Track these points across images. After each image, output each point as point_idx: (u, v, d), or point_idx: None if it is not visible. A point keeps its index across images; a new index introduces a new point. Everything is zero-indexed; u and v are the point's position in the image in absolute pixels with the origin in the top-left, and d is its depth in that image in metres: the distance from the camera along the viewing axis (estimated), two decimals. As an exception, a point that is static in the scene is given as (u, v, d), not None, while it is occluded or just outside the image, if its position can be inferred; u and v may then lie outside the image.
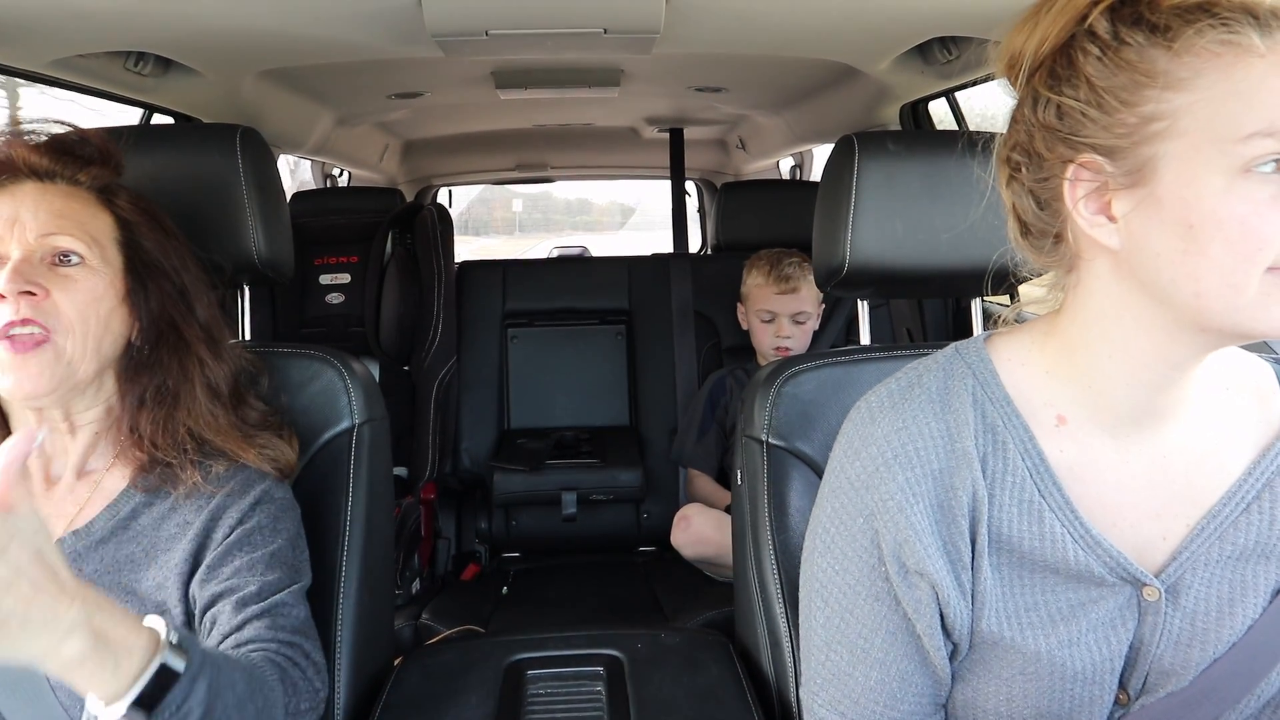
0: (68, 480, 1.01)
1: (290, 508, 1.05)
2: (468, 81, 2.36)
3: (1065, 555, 0.78)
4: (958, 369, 0.84)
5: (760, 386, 1.17)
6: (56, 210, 0.98)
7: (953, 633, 0.81)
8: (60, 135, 1.03)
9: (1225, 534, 0.78)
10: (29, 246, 0.95)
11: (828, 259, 1.22)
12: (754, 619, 1.16)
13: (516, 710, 1.08)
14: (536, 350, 2.60)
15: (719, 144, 3.92)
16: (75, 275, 0.97)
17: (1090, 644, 0.78)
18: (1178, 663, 0.78)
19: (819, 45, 1.85)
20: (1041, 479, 0.79)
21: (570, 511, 2.35)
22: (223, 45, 1.64)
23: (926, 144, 1.22)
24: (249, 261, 1.23)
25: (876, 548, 0.81)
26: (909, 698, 0.82)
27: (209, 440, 1.03)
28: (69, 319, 0.96)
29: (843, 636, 0.84)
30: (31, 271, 0.94)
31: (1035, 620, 0.79)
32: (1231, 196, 0.66)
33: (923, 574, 0.79)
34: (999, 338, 0.86)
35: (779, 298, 2.12)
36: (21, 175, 1.00)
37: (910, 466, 0.80)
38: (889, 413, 0.83)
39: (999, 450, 0.80)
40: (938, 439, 0.80)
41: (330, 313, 2.62)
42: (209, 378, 1.05)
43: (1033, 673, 0.79)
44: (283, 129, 2.40)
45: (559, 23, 1.53)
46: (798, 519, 1.12)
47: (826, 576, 0.85)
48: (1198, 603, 0.78)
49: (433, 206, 2.60)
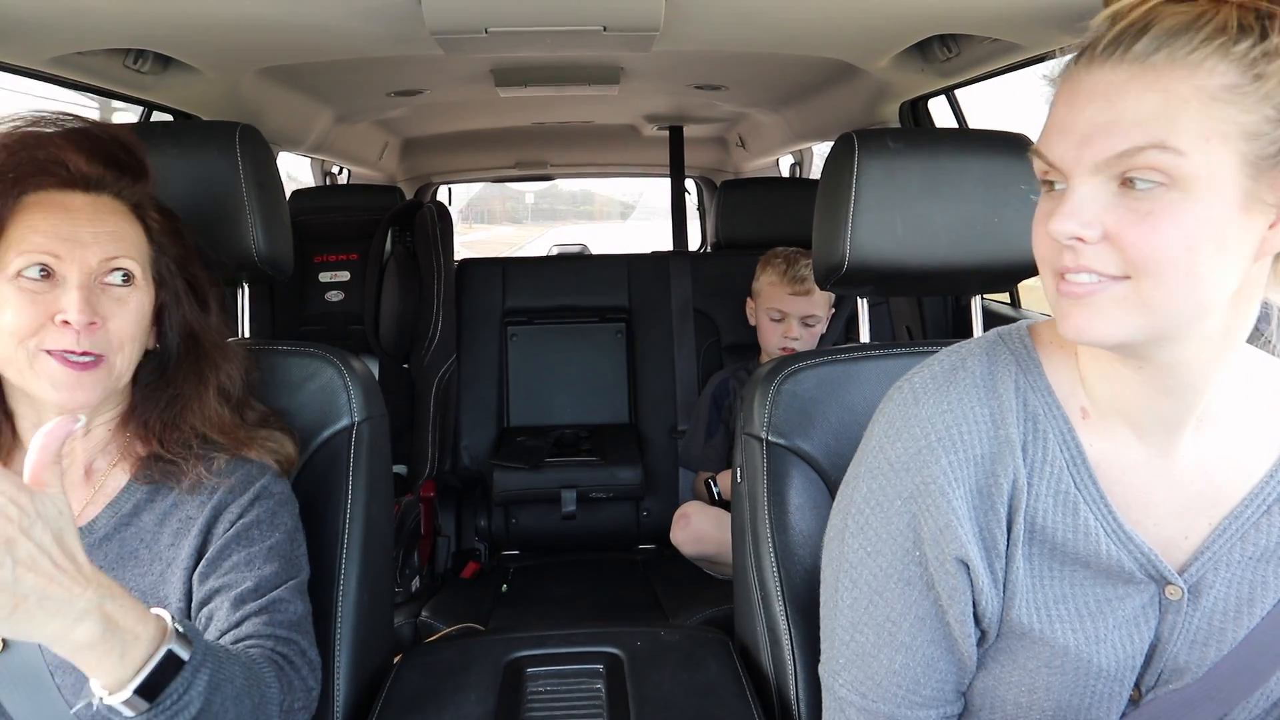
0: (74, 479, 1.01)
1: (288, 502, 1.05)
2: (467, 79, 2.36)
3: (1098, 549, 0.78)
4: (1001, 355, 0.84)
5: (760, 384, 1.17)
6: (111, 230, 0.97)
7: (982, 620, 0.81)
8: (107, 141, 1.01)
9: (1247, 535, 0.78)
10: (90, 269, 0.94)
11: (827, 257, 1.22)
12: (753, 616, 1.16)
13: (516, 708, 1.08)
14: (536, 348, 2.60)
15: (719, 142, 3.91)
16: (126, 297, 0.97)
17: (1116, 641, 0.79)
18: (1193, 661, 0.79)
19: (819, 43, 1.85)
20: (1078, 471, 0.79)
21: (570, 509, 2.35)
22: (222, 43, 1.64)
23: (926, 142, 1.22)
24: (248, 259, 1.23)
25: (913, 531, 0.81)
26: (932, 683, 0.83)
27: (213, 438, 1.04)
28: (120, 340, 0.96)
29: (870, 619, 0.84)
30: (95, 299, 0.94)
31: (1064, 614, 0.79)
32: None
33: (960, 559, 0.79)
34: (1040, 327, 0.86)
35: (792, 298, 2.09)
36: (74, 184, 0.97)
37: (954, 450, 0.80)
38: (934, 394, 0.82)
39: (1039, 440, 0.80)
40: (983, 424, 0.80)
41: (330, 310, 2.61)
42: (222, 381, 1.06)
43: (1058, 666, 0.79)
44: (282, 126, 2.40)
45: (559, 20, 1.52)
46: (797, 517, 1.12)
47: (858, 558, 0.85)
48: (1216, 602, 0.79)
49: (432, 204, 2.60)
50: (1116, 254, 0.68)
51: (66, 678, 0.91)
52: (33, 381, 0.93)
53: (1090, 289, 0.70)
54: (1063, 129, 0.70)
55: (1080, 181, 0.69)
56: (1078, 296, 0.70)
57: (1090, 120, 0.68)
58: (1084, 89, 0.69)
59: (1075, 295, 0.70)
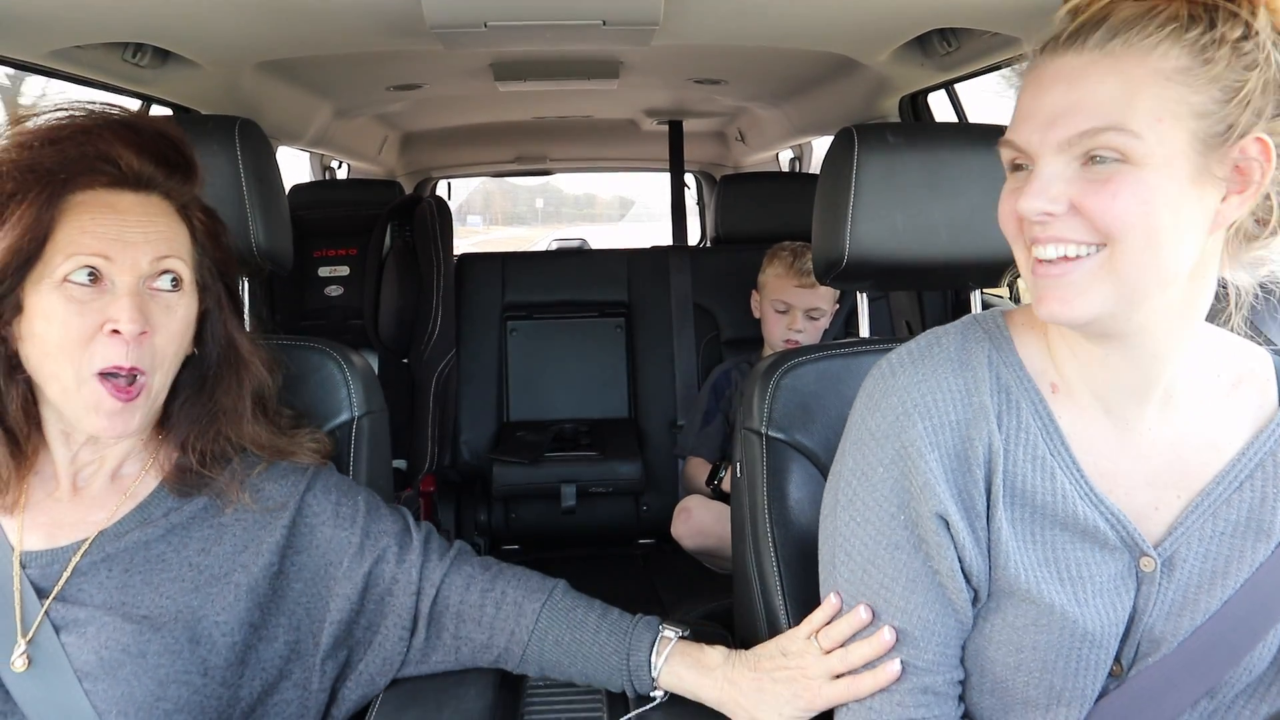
0: (101, 484, 0.99)
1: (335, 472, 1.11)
2: (466, 73, 2.35)
3: (1074, 511, 0.82)
4: (975, 334, 0.88)
5: (759, 379, 1.17)
6: (161, 231, 0.93)
7: (971, 578, 0.84)
8: (155, 137, 0.97)
9: (1219, 510, 0.82)
10: (142, 273, 0.91)
11: (827, 251, 1.22)
12: (753, 611, 1.16)
13: (515, 704, 1.08)
14: (536, 343, 2.60)
15: (718, 136, 3.91)
16: (175, 304, 0.94)
17: (1098, 606, 0.82)
18: (1168, 631, 0.82)
19: (818, 37, 1.84)
20: (1051, 438, 0.84)
21: (569, 504, 2.35)
22: (221, 36, 1.64)
23: (926, 136, 1.22)
24: (248, 253, 1.23)
25: (897, 495, 0.85)
26: (932, 646, 0.85)
27: (249, 447, 1.03)
28: (164, 354, 0.93)
29: (865, 589, 0.87)
30: (146, 306, 0.90)
31: (1049, 575, 0.82)
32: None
33: (939, 515, 0.83)
34: (1015, 311, 0.91)
35: (798, 291, 2.10)
36: (124, 183, 0.93)
37: (929, 416, 0.84)
38: (909, 368, 0.87)
39: (1013, 409, 0.85)
40: (957, 393, 0.85)
41: (329, 305, 2.62)
42: (259, 389, 1.04)
43: (1045, 625, 0.82)
44: (281, 121, 2.39)
45: (558, 14, 1.52)
46: (797, 511, 1.12)
47: (849, 529, 0.88)
48: (1190, 575, 0.82)
49: (432, 199, 2.60)
50: (1083, 222, 0.74)
51: (96, 685, 0.89)
52: (76, 405, 0.91)
53: (1065, 268, 0.75)
54: (1028, 114, 0.76)
55: (1046, 162, 0.75)
56: (1054, 276, 0.76)
57: (1054, 104, 0.74)
58: (1048, 76, 0.75)
59: (1051, 276, 0.76)
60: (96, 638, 0.90)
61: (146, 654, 0.91)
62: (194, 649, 0.93)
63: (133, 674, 0.90)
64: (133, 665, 0.90)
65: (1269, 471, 0.82)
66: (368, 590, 1.03)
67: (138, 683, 0.90)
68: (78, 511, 0.97)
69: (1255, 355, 0.88)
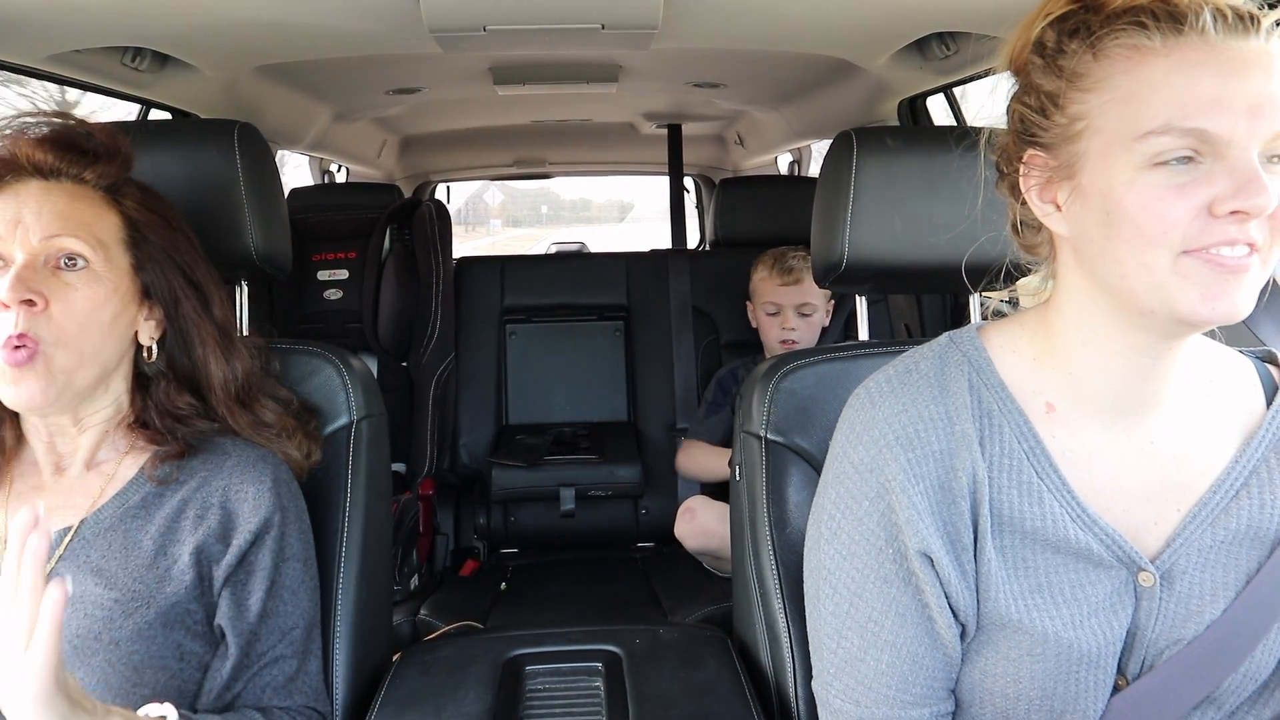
0: (77, 471, 1.01)
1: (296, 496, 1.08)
2: (466, 77, 2.36)
3: (1065, 534, 0.80)
4: (953, 356, 0.87)
5: (758, 382, 1.17)
6: (60, 211, 0.95)
7: (959, 614, 0.82)
8: (65, 130, 1.00)
9: (1217, 520, 0.81)
10: (33, 250, 0.93)
11: (826, 254, 1.22)
12: (752, 614, 1.16)
13: (515, 705, 1.08)
14: (535, 346, 2.60)
15: (717, 139, 3.91)
16: (77, 283, 0.95)
17: (1094, 626, 0.80)
18: (1172, 643, 0.81)
19: (817, 40, 1.85)
20: (1038, 461, 0.82)
21: (569, 507, 2.35)
22: (220, 40, 1.64)
23: (925, 139, 1.23)
24: (246, 257, 1.23)
25: (883, 529, 0.83)
26: (920, 680, 0.83)
27: (225, 432, 1.05)
28: (66, 332, 0.94)
29: (852, 622, 0.85)
30: (34, 279, 0.92)
31: (1041, 602, 0.81)
32: (1134, 187, 0.71)
33: (923, 553, 0.81)
34: (992, 328, 0.89)
35: (783, 289, 2.14)
36: (25, 173, 0.97)
37: (912, 448, 0.82)
38: (889, 397, 0.85)
39: (995, 434, 0.83)
40: (938, 421, 0.83)
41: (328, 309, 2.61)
42: (224, 376, 1.05)
43: (1040, 654, 0.80)
44: (280, 124, 2.39)
45: (557, 18, 1.52)
46: (796, 514, 1.12)
47: (834, 563, 0.86)
48: (1191, 587, 0.80)
49: (431, 202, 2.60)
50: (1265, 225, 0.70)
51: (73, 670, 0.89)
52: None
53: (1247, 263, 0.70)
54: (1217, 100, 0.68)
55: (1250, 154, 0.69)
56: (1235, 271, 0.70)
57: (1258, 91, 0.68)
58: (1236, 59, 0.69)
59: (1232, 269, 0.70)
60: (68, 625, 0.91)
61: (119, 640, 0.93)
62: (167, 633, 0.95)
63: (106, 661, 0.92)
64: (105, 653, 0.92)
65: (1264, 477, 0.81)
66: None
67: (112, 670, 0.92)
68: (60, 495, 1.00)
69: (1236, 360, 0.87)
